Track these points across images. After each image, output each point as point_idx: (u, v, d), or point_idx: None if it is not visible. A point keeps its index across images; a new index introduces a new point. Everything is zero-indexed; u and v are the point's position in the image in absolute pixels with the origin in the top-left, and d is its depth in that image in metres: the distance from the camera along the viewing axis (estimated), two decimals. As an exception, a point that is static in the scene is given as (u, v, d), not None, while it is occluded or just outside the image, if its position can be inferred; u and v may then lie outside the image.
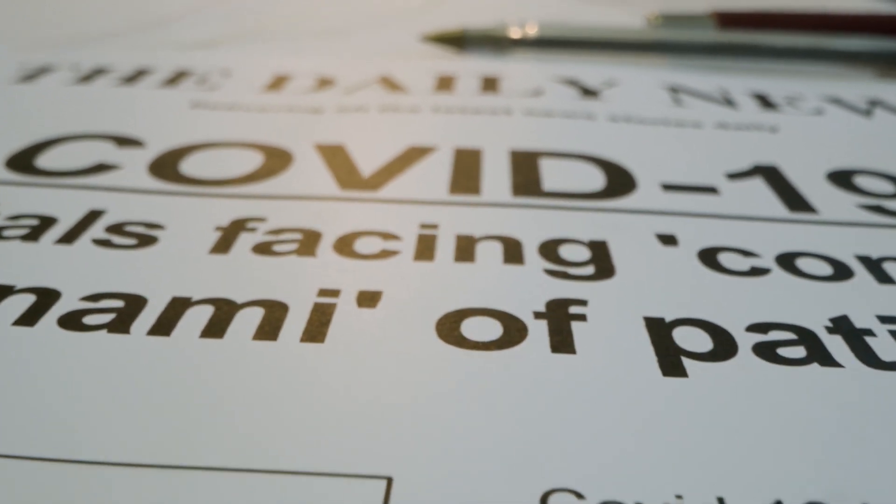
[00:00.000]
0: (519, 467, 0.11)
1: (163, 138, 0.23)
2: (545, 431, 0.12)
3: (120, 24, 0.38)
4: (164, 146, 0.23)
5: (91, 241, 0.17)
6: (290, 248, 0.17)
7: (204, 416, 0.12)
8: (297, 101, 0.27)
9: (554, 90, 0.29)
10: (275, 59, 0.33)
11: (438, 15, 0.43)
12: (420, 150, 0.23)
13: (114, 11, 0.41)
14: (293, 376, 0.13)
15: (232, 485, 0.11)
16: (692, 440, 0.12)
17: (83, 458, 0.11)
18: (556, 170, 0.22)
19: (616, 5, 0.48)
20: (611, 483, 0.11)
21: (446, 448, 0.12)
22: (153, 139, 0.23)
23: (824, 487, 0.11)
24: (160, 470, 0.11)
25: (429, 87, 0.29)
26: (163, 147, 0.23)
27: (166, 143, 0.23)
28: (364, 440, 0.12)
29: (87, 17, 0.39)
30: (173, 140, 0.23)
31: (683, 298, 0.16)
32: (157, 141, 0.23)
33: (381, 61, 0.32)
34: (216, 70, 0.31)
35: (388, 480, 0.11)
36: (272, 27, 0.39)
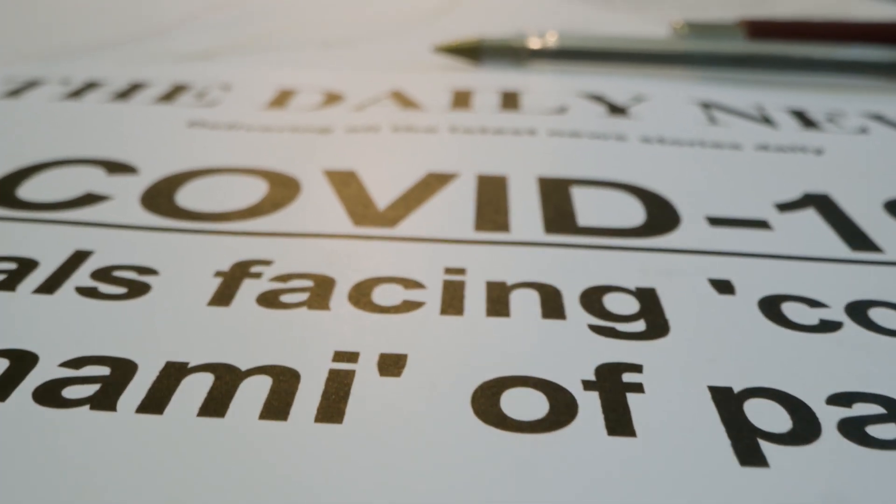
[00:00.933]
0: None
1: (157, 164, 0.21)
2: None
3: (115, 33, 0.36)
4: (159, 173, 0.21)
5: (75, 289, 0.15)
6: (300, 299, 0.15)
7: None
8: (303, 120, 0.25)
9: (578, 106, 0.27)
10: (278, 71, 0.31)
11: (448, 23, 0.41)
12: (440, 178, 0.21)
13: (108, 20, 0.39)
14: (308, 466, 0.11)
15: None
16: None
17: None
18: (589, 200, 0.20)
19: (634, 11, 0.46)
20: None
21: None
22: (147, 165, 0.21)
23: None
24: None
25: (444, 103, 0.27)
26: (157, 174, 0.21)
27: (161, 169, 0.21)
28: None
29: (81, 27, 0.37)
30: (169, 166, 0.21)
31: (750, 361, 0.14)
32: (152, 167, 0.21)
33: (392, 74, 0.30)
34: (215, 84, 0.29)
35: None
36: (274, 36, 0.37)
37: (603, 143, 0.24)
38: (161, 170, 0.21)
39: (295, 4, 0.43)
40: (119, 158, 0.22)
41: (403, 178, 0.21)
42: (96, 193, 0.19)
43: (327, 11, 0.42)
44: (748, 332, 0.15)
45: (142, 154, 0.22)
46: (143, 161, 0.21)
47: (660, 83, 0.30)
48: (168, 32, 0.37)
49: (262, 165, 0.21)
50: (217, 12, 0.41)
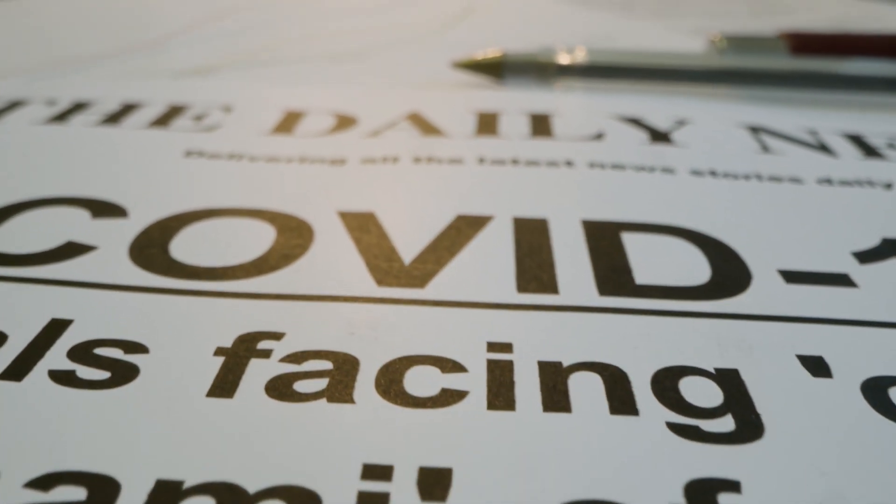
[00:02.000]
0: None
1: (150, 204, 0.19)
2: None
3: (107, 45, 0.34)
4: (152, 215, 0.18)
5: (48, 374, 0.13)
6: (319, 388, 0.13)
7: None
8: (313, 148, 0.23)
9: (617, 132, 0.24)
10: (283, 88, 0.28)
11: (463, 33, 0.38)
12: (471, 221, 0.18)
13: (101, 31, 0.36)
14: None
15: None
16: None
17: None
18: (644, 250, 0.17)
19: (656, 19, 0.43)
20: None
21: None
22: (138, 205, 0.19)
23: None
24: None
25: (468, 127, 0.24)
26: (149, 217, 0.18)
27: (154, 210, 0.18)
28: None
29: (71, 38, 0.35)
30: (162, 206, 0.19)
31: (872, 476, 0.11)
32: (143, 208, 0.19)
33: (408, 92, 0.28)
34: (215, 104, 0.26)
35: None
36: (279, 48, 0.34)
37: (649, 177, 0.21)
38: (154, 212, 0.18)
39: (299, 14, 0.40)
40: (106, 197, 0.19)
41: (430, 223, 0.18)
42: (79, 243, 0.17)
43: (333, 21, 0.39)
44: (859, 433, 0.12)
45: (132, 191, 0.19)
46: (134, 200, 0.19)
47: (701, 103, 0.27)
48: (165, 44, 0.34)
49: (268, 206, 0.19)
50: (217, 21, 0.38)
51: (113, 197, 0.19)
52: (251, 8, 0.43)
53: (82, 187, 0.20)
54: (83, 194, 0.19)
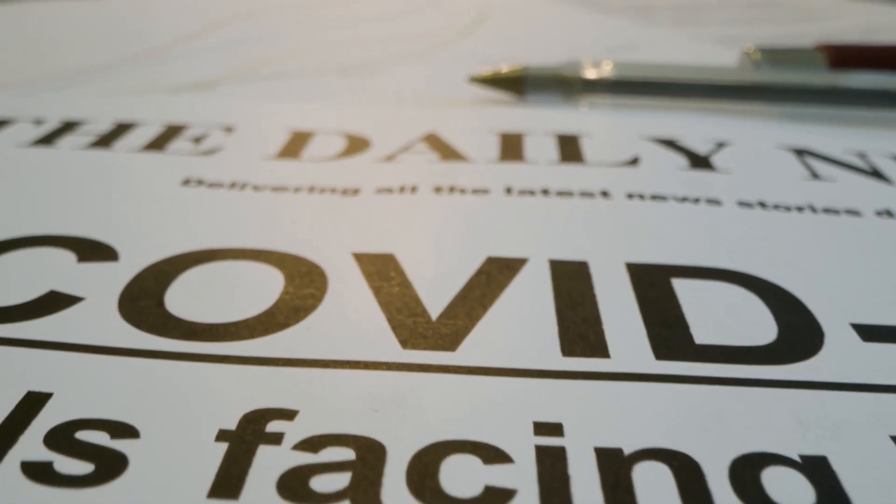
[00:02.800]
0: None
1: (143, 244, 0.17)
2: None
3: (100, 57, 0.32)
4: (145, 258, 0.16)
5: (20, 466, 0.11)
6: (340, 486, 0.11)
7: None
8: (323, 175, 0.21)
9: (652, 156, 0.22)
10: (289, 105, 0.26)
11: (478, 43, 0.36)
12: (503, 266, 0.16)
13: (92, 42, 0.34)
14: None
15: None
16: None
17: None
18: (698, 301, 0.15)
19: (676, 27, 0.41)
20: None
21: None
22: (130, 245, 0.17)
23: None
24: None
25: (492, 150, 0.22)
26: (143, 259, 0.16)
27: (148, 252, 0.16)
28: None
29: (61, 50, 0.33)
30: (157, 247, 0.17)
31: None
32: (136, 248, 0.17)
33: (423, 110, 0.26)
34: (215, 123, 0.24)
35: None
36: (284, 61, 0.32)
37: (694, 210, 0.19)
38: (147, 253, 0.16)
39: (303, 23, 0.39)
40: (95, 235, 0.17)
41: (457, 266, 0.16)
42: (62, 293, 0.15)
43: (339, 30, 0.37)
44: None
45: (124, 229, 0.17)
46: (126, 240, 0.17)
47: (738, 123, 0.26)
48: (161, 55, 0.32)
49: (275, 245, 0.17)
50: (217, 31, 0.37)
51: (103, 235, 0.17)
52: (252, 16, 0.41)
53: (69, 224, 0.18)
54: (70, 232, 0.17)
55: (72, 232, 0.17)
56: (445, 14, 0.42)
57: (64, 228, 0.17)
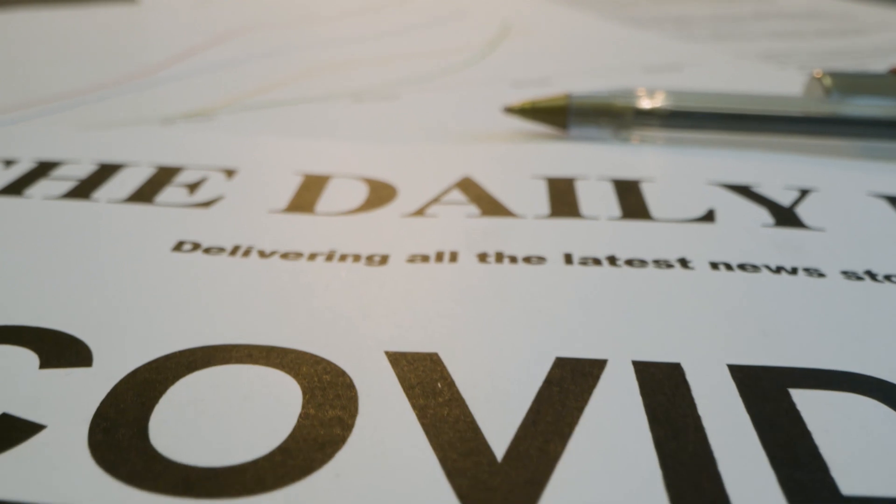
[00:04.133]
0: None
1: (124, 341, 0.13)
2: None
3: (83, 80, 0.28)
4: (125, 363, 0.13)
5: None
6: None
7: None
8: (343, 235, 0.17)
9: (728, 208, 0.19)
10: (297, 142, 0.23)
11: (502, 62, 0.33)
12: (577, 370, 0.13)
13: (76, 61, 0.31)
14: None
15: None
16: None
17: None
18: (829, 422, 0.12)
19: (716, 41, 0.38)
20: None
21: None
22: (107, 342, 0.13)
23: None
24: None
25: (541, 202, 0.19)
26: (122, 365, 0.13)
27: (129, 353, 0.13)
28: None
29: (39, 73, 0.29)
30: (141, 346, 0.13)
31: None
32: (113, 349, 0.13)
33: (453, 148, 0.23)
34: (214, 165, 0.21)
35: None
36: (290, 84, 0.29)
37: (794, 285, 0.16)
38: (129, 354, 0.13)
39: (313, 38, 0.35)
40: (65, 327, 0.14)
41: (520, 374, 0.13)
42: (19, 418, 0.12)
43: (354, 47, 0.34)
44: None
45: (101, 319, 0.14)
46: (103, 334, 0.14)
47: (815, 162, 0.22)
48: (153, 77, 0.29)
49: (289, 340, 0.13)
50: (214, 48, 0.33)
51: (74, 327, 0.14)
52: (254, 30, 0.37)
53: (32, 310, 0.14)
54: (33, 322, 0.14)
55: (36, 321, 0.14)
56: (466, 27, 0.38)
57: (27, 316, 0.14)
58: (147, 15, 0.41)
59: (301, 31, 0.37)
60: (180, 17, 0.41)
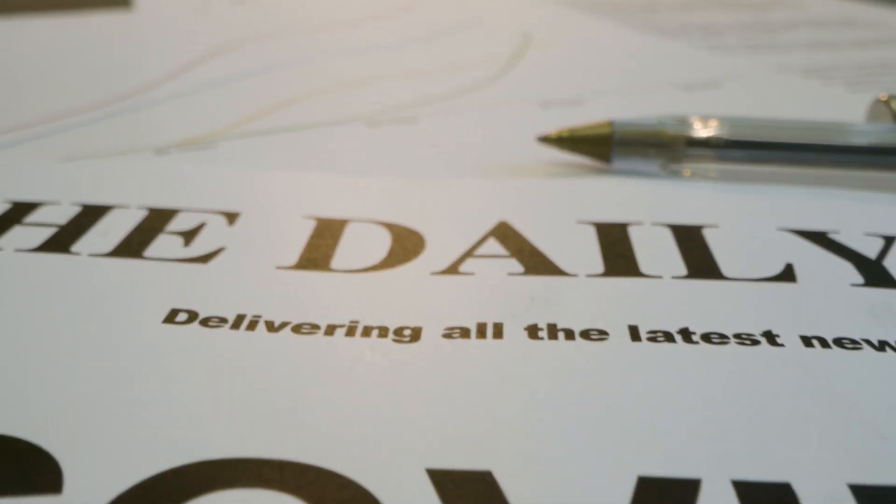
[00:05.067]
0: None
1: (100, 457, 0.11)
2: None
3: (66, 100, 0.26)
4: (103, 488, 0.10)
5: None
6: None
7: None
8: (365, 301, 0.15)
9: (808, 262, 0.16)
10: (307, 177, 0.20)
11: (526, 81, 0.30)
12: (665, 492, 0.10)
13: (59, 79, 0.28)
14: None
15: None
16: None
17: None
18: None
19: (747, 53, 0.35)
20: None
21: None
22: (80, 459, 0.11)
23: None
24: None
25: (591, 254, 0.16)
26: (99, 491, 0.10)
27: (107, 473, 0.11)
28: None
29: (16, 89, 0.27)
30: (123, 464, 0.11)
31: None
32: (89, 466, 0.11)
33: (484, 184, 0.20)
34: (213, 207, 0.18)
35: None
36: (298, 106, 0.26)
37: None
38: (107, 475, 0.10)
39: (321, 51, 0.33)
40: (28, 435, 0.11)
41: (598, 501, 0.10)
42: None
43: (365, 61, 0.31)
44: None
45: (73, 427, 0.11)
46: (76, 447, 0.11)
47: (892, 200, 0.20)
48: (147, 95, 0.26)
49: (303, 452, 0.11)
50: (215, 61, 0.30)
51: (39, 434, 0.11)
52: (255, 42, 0.35)
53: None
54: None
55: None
56: (484, 37, 0.36)
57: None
58: (142, 23, 0.38)
59: (306, 41, 0.35)
60: (178, 25, 0.38)
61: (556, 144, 0.21)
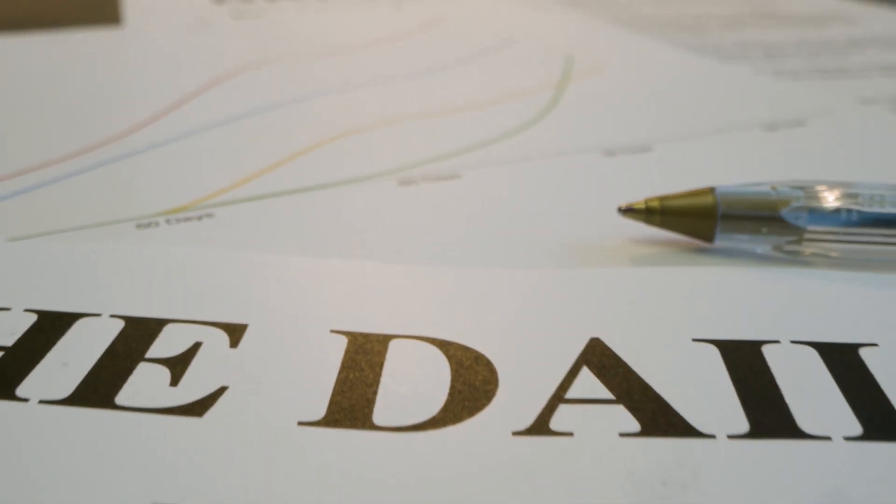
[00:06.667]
0: None
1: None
2: None
3: (37, 149, 0.21)
4: None
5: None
6: None
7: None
8: (422, 488, 0.10)
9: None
10: (331, 266, 0.16)
11: (585, 120, 0.26)
12: None
13: (32, 119, 0.23)
14: None
15: None
16: None
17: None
18: None
19: (822, 78, 0.31)
20: None
21: None
22: None
23: None
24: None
25: (732, 407, 0.12)
26: None
27: None
28: None
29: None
30: None
31: None
32: None
33: (556, 277, 0.16)
34: (210, 321, 0.14)
35: None
36: (309, 156, 0.22)
37: None
38: None
39: (334, 79, 0.28)
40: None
41: None
42: None
43: (387, 93, 0.27)
44: None
45: None
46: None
47: None
48: (130, 140, 0.22)
49: None
50: (212, 92, 0.26)
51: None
52: (255, 67, 0.30)
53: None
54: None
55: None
56: (523, 63, 0.31)
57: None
58: (130, 44, 0.34)
59: (317, 67, 0.30)
60: (169, 47, 0.33)
61: (645, 219, 0.17)
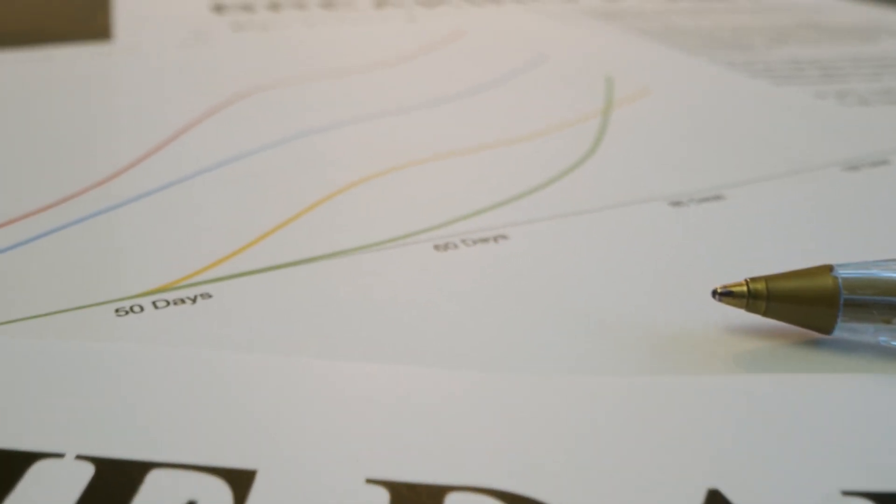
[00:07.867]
0: None
1: None
2: None
3: (3, 201, 0.18)
4: None
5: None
6: None
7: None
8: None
9: None
10: (357, 368, 0.13)
11: (626, 165, 0.23)
12: None
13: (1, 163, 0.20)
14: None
15: None
16: None
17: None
18: None
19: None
20: None
21: None
22: None
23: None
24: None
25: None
26: None
27: None
28: None
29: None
30: None
31: None
32: None
33: (648, 389, 0.12)
34: (209, 471, 0.11)
35: None
36: (317, 206, 0.18)
37: None
38: None
39: (343, 109, 0.25)
40: None
41: None
42: None
43: (405, 123, 0.23)
44: None
45: None
46: None
47: None
48: (109, 187, 0.18)
49: None
50: (204, 124, 0.23)
51: None
52: (252, 93, 0.27)
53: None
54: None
55: None
56: (560, 85, 0.28)
57: None
58: (118, 64, 0.31)
59: (326, 90, 0.27)
60: (161, 65, 0.30)
61: (747, 306, 0.13)
